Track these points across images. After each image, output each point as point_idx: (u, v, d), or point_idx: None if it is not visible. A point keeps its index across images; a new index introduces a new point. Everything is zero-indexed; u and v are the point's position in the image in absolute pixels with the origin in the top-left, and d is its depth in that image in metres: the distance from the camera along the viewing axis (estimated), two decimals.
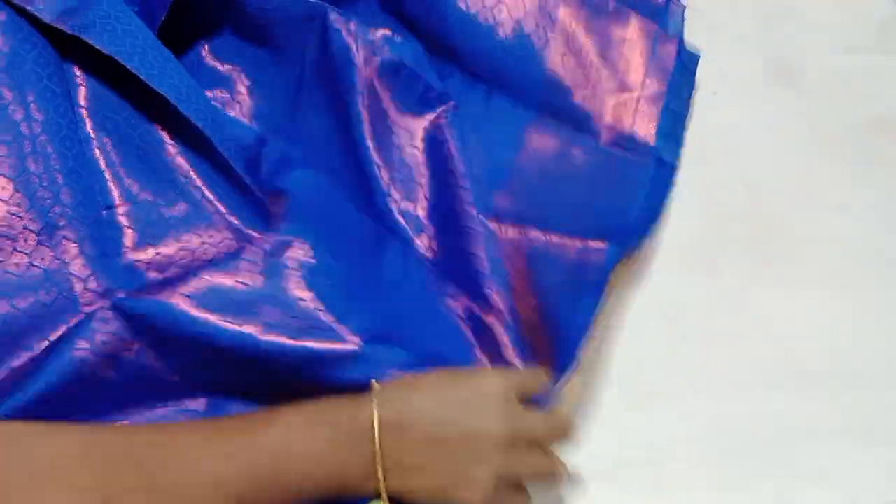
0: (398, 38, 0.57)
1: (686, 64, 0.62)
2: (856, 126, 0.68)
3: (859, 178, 0.65)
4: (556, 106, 0.59)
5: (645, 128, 0.59)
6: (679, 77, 0.61)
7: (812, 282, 0.60)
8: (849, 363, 0.56)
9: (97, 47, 0.43)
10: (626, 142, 0.58)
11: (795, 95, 0.69)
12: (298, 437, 0.41)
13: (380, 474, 0.40)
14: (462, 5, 0.58)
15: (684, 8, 0.66)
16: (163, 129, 0.48)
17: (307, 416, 0.42)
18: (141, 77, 0.44)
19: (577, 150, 0.58)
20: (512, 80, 0.59)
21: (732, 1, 0.74)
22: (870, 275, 0.60)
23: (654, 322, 0.57)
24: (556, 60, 0.59)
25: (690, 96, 0.62)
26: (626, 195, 0.57)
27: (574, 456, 0.52)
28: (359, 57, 0.55)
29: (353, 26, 0.55)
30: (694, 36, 0.72)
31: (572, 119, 0.59)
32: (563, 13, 0.60)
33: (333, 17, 0.54)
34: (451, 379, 0.44)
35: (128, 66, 0.44)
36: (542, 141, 0.59)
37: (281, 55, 0.55)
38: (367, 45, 0.55)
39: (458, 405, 0.42)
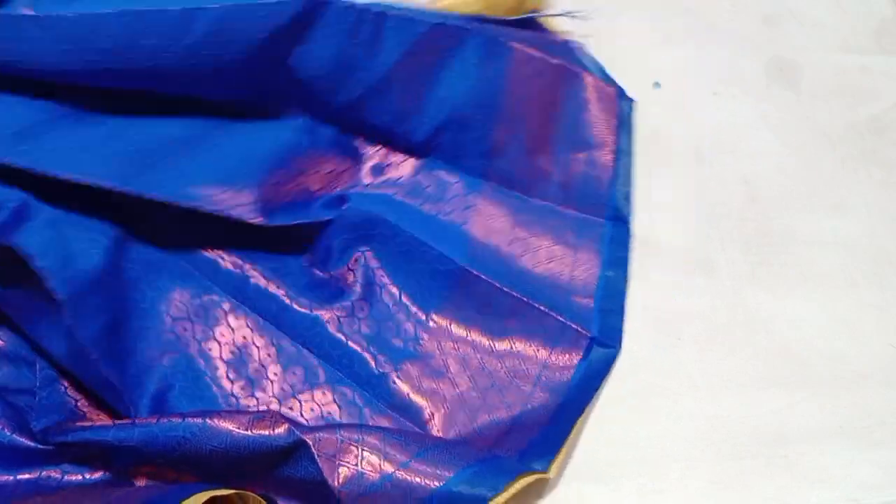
0: None
1: (626, 110, 0.60)
2: (855, 126, 0.68)
3: (859, 178, 0.65)
4: (504, 168, 0.57)
5: (600, 182, 0.56)
6: (625, 124, 0.59)
7: (812, 282, 0.60)
8: (849, 363, 0.56)
9: None
10: (579, 199, 0.57)
11: (795, 95, 0.69)
12: None
13: None
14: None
15: (581, 45, 0.64)
16: None
17: None
18: None
19: (529, 215, 0.56)
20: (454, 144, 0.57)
21: (732, 1, 0.74)
22: (870, 275, 0.60)
23: (652, 322, 0.57)
24: (506, 118, 0.56)
25: (632, 144, 0.59)
26: (587, 269, 0.55)
27: (570, 456, 0.52)
28: None
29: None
30: (694, 36, 0.72)
31: (522, 181, 0.57)
32: (511, 72, 0.57)
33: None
34: None
35: None
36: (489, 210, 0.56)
37: None
38: None
39: None
